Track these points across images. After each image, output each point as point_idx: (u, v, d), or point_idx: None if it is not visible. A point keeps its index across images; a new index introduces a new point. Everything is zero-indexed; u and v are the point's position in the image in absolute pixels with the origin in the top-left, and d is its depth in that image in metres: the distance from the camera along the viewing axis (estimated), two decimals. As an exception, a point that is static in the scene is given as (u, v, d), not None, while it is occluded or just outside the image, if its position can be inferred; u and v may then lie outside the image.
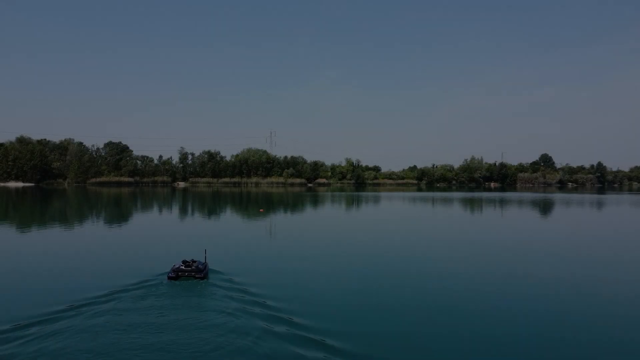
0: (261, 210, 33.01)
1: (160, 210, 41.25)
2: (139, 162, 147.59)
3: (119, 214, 37.58)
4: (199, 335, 8.21)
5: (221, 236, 23.51)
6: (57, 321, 8.82)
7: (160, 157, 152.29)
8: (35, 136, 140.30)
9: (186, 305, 9.95)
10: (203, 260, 13.14)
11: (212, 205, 49.11)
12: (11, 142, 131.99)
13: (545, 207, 48.66)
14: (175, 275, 12.01)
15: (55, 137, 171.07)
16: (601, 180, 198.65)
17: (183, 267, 12.24)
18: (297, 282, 12.80)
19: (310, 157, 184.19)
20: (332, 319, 9.36)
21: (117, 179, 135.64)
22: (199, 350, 7.56)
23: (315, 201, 55.25)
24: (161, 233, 25.06)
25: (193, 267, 12.20)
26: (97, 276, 13.08)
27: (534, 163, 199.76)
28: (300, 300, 10.75)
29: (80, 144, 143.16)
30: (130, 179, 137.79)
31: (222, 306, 9.82)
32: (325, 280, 13.23)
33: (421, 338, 8.56)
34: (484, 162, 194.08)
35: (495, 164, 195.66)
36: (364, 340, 8.29)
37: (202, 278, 12.04)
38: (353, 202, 56.18)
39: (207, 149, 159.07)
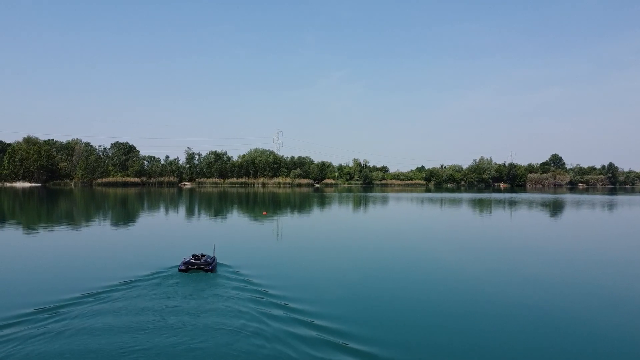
0: (264, 213, 31.98)
1: (169, 210, 40.72)
2: (145, 162, 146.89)
3: (129, 213, 37.29)
4: (205, 318, 8.78)
5: (229, 233, 23.27)
6: (76, 306, 9.48)
7: (167, 157, 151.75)
8: (43, 137, 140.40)
9: (195, 294, 10.57)
10: (212, 255, 13.66)
11: (219, 205, 48.32)
12: (18, 143, 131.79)
13: (556, 209, 47.53)
14: (186, 267, 12.55)
15: (63, 137, 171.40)
16: (612, 181, 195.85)
17: (193, 261, 12.76)
18: (299, 275, 13.29)
19: (317, 158, 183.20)
20: (326, 305, 9.98)
21: (123, 179, 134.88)
22: (205, 331, 8.14)
23: (322, 202, 54.34)
24: (171, 230, 24.86)
25: (202, 261, 12.75)
26: (112, 268, 13.59)
27: (544, 164, 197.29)
28: (300, 290, 11.26)
29: (88, 144, 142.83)
30: (137, 180, 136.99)
31: (228, 295, 10.48)
32: (326, 274, 13.60)
33: (412, 327, 8.89)
34: (493, 162, 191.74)
35: (504, 164, 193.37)
36: (354, 323, 8.85)
37: (210, 271, 12.60)
38: (360, 202, 55.40)
39: (213, 149, 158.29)
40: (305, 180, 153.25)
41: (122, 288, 10.97)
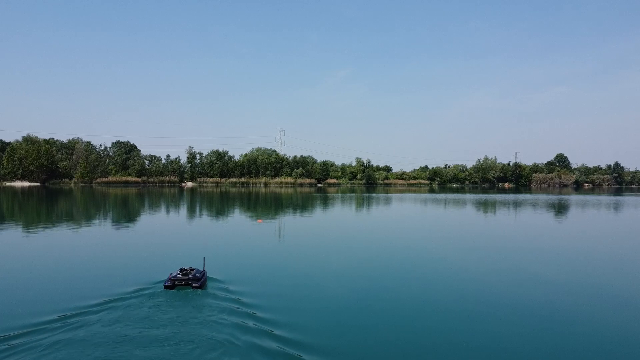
0: (259, 220, 29.55)
1: (163, 213, 38.57)
2: (146, 161, 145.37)
3: (120, 216, 35.26)
4: (188, 349, 7.81)
5: (222, 242, 21.39)
6: (45, 332, 8.47)
7: (168, 156, 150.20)
8: (44, 136, 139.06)
9: (179, 316, 9.46)
10: (201, 269, 12.49)
11: (216, 208, 46.35)
12: (17, 142, 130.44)
13: (560, 209, 46.51)
14: (172, 284, 11.41)
15: (64, 136, 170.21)
16: (618, 181, 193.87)
17: (180, 276, 11.63)
18: (294, 291, 11.99)
19: (320, 157, 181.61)
20: (320, 331, 8.89)
21: (124, 178, 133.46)
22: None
23: (324, 203, 52.45)
24: (162, 238, 22.74)
25: (190, 276, 11.63)
26: (93, 284, 12.41)
27: (549, 163, 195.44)
28: (293, 310, 10.13)
29: (88, 143, 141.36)
30: (138, 179, 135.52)
31: (214, 319, 9.32)
32: (326, 292, 12.10)
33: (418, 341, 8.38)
34: (497, 162, 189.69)
35: (509, 164, 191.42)
36: (347, 354, 7.87)
37: (199, 287, 11.46)
38: (363, 204, 53.82)
39: (215, 149, 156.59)
40: (307, 180, 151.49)
41: (99, 309, 9.79)
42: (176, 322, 9.07)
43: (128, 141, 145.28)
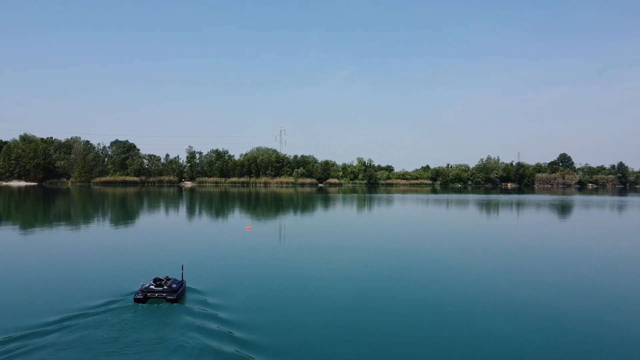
0: (248, 228, 26.50)
1: (151, 215, 36.13)
2: (145, 161, 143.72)
3: (102, 218, 32.86)
4: None
5: (207, 246, 19.30)
6: None
7: (167, 156, 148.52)
8: (44, 135, 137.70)
9: (148, 337, 7.91)
10: (179, 278, 10.93)
11: (210, 208, 44.47)
12: (15, 141, 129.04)
13: (563, 210, 45.28)
14: (144, 296, 9.78)
15: (62, 135, 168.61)
16: (622, 181, 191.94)
17: (153, 287, 10.00)
18: (280, 304, 10.27)
19: (321, 157, 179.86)
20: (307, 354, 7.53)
21: (122, 178, 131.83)
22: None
23: (324, 204, 50.33)
24: (141, 241, 20.37)
25: (165, 287, 10.00)
26: (51, 297, 10.64)
27: (552, 163, 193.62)
28: (276, 329, 8.62)
29: (87, 142, 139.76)
30: (136, 179, 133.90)
31: (192, 341, 7.77)
32: (318, 305, 10.34)
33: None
34: (500, 162, 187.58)
35: (512, 164, 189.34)
36: None
37: (174, 300, 9.80)
38: (364, 204, 51.91)
39: (215, 148, 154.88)
40: (308, 180, 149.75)
41: (53, 329, 8.23)
42: (143, 345, 7.52)
43: (127, 140, 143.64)
